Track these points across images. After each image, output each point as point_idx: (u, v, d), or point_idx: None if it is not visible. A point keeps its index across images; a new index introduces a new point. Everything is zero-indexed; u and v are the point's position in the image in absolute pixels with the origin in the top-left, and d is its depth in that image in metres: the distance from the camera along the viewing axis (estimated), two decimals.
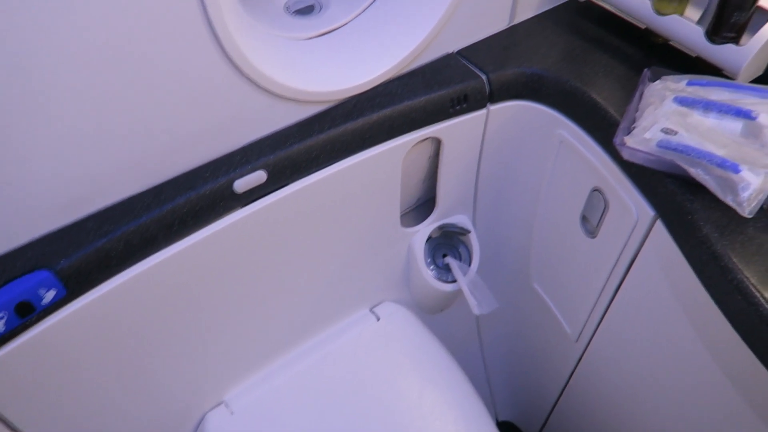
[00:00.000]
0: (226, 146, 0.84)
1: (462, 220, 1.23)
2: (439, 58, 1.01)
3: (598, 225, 1.02)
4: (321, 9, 0.99)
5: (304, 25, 0.97)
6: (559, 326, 1.24)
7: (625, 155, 0.86)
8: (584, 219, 1.05)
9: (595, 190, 1.00)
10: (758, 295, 0.70)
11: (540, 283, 1.27)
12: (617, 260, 0.98)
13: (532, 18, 1.10)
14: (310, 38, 0.95)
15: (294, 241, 0.99)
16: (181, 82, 0.72)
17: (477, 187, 1.20)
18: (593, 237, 1.04)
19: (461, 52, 1.03)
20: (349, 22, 0.97)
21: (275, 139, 0.87)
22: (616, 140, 0.84)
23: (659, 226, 0.87)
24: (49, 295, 0.70)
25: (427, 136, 1.00)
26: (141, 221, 0.76)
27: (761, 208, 0.80)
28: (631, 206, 0.91)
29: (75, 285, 0.73)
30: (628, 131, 0.86)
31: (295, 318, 1.15)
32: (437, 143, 1.06)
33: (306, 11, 0.99)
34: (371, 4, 0.97)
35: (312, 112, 0.90)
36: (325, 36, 0.96)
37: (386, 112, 0.92)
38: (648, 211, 0.88)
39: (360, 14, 0.97)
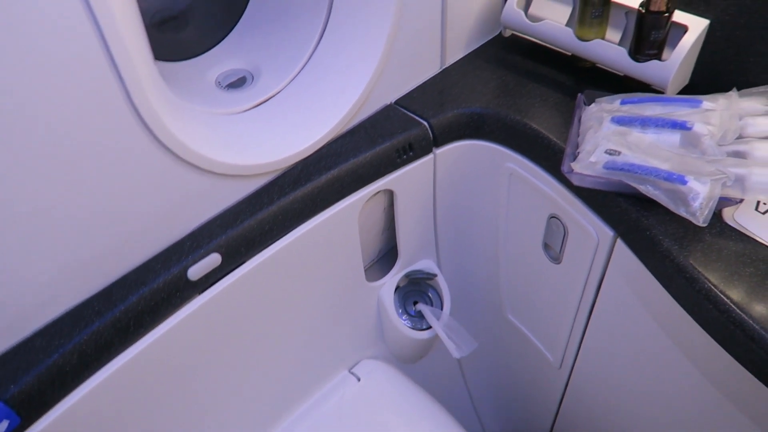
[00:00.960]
0: (175, 233, 0.81)
1: (427, 264, 1.22)
2: (378, 111, 1.02)
3: (561, 251, 1.02)
4: (253, 80, 0.98)
5: (238, 98, 0.96)
6: (541, 355, 1.23)
7: (575, 181, 0.87)
8: (547, 246, 1.06)
9: (553, 216, 1.00)
10: (727, 301, 0.70)
11: (514, 313, 1.26)
12: (585, 283, 0.99)
13: (463, 58, 1.12)
14: (246, 110, 0.94)
15: (260, 316, 0.96)
16: (116, 176, 0.69)
17: (437, 230, 1.19)
18: (558, 263, 1.04)
19: (399, 102, 1.04)
20: (284, 88, 0.96)
21: (225, 218, 0.84)
22: (564, 168, 0.85)
23: (620, 245, 0.88)
24: (2, 427, 0.64)
25: (379, 190, 0.99)
26: (93, 328, 0.72)
27: (714, 213, 0.82)
28: (589, 229, 0.91)
29: (29, 411, 0.68)
30: (574, 157, 0.87)
31: (274, 392, 1.11)
32: (390, 194, 1.05)
33: (238, 84, 0.98)
34: (302, 68, 0.96)
35: (259, 184, 0.88)
36: (262, 106, 0.95)
37: (334, 173, 0.91)
38: (607, 232, 0.89)
39: (293, 79, 0.96)
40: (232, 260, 0.84)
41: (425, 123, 0.99)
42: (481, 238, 1.20)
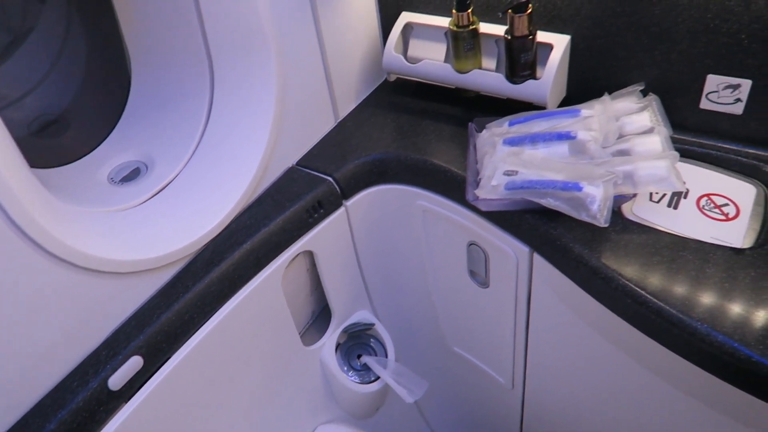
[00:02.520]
0: (88, 344, 0.76)
1: (363, 315, 1.21)
2: (281, 175, 1.01)
3: (486, 275, 1.04)
4: (147, 169, 0.96)
5: (134, 190, 0.93)
6: (492, 379, 1.23)
7: (483, 207, 0.89)
8: (473, 273, 1.07)
9: (472, 243, 1.02)
10: (643, 293, 0.73)
11: (458, 344, 1.26)
12: (516, 301, 1.00)
13: (355, 109, 1.14)
14: (145, 201, 0.92)
15: (199, 407, 0.91)
16: (9, 297, 0.65)
17: (365, 279, 1.19)
18: (487, 287, 1.06)
19: (301, 163, 1.04)
20: (180, 172, 0.95)
21: (141, 317, 0.81)
22: (469, 197, 0.87)
23: (538, 259, 0.90)
24: None
25: (297, 253, 0.98)
26: None
27: (614, 212, 0.86)
28: (506, 249, 0.93)
29: None
30: (476, 184, 0.90)
31: None
32: (310, 255, 1.04)
33: (133, 176, 0.96)
34: (196, 149, 0.95)
35: (171, 274, 0.85)
36: (160, 194, 0.92)
37: (247, 246, 0.89)
38: (523, 249, 0.91)
39: (188, 162, 0.95)
40: (156, 359, 0.80)
41: (330, 178, 1.00)
42: (410, 276, 1.20)
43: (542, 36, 0.96)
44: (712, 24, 0.82)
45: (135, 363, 0.76)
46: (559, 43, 0.95)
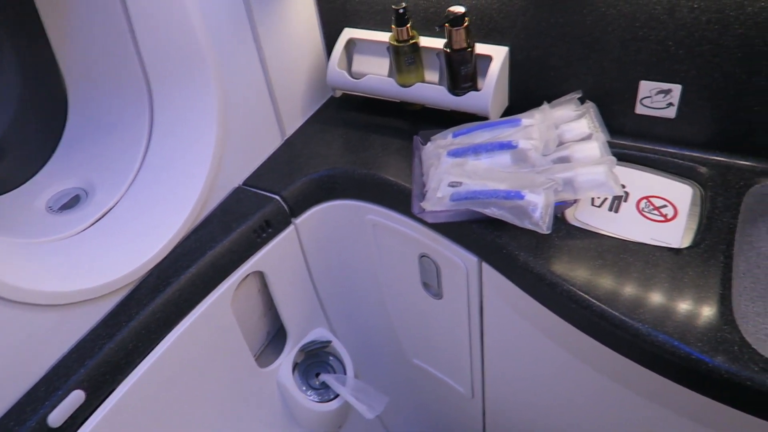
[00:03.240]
0: (25, 381, 0.73)
1: (320, 333, 1.20)
2: (228, 196, 1.00)
3: (439, 286, 1.04)
4: (88, 196, 0.93)
5: (74, 218, 0.90)
6: (452, 389, 1.23)
7: (429, 219, 0.89)
8: (426, 285, 1.07)
9: (423, 256, 1.02)
10: (587, 297, 0.74)
11: (417, 356, 1.26)
12: (468, 310, 1.01)
13: (302, 126, 1.14)
14: (86, 229, 0.89)
15: None
16: None
17: (319, 296, 1.18)
18: (440, 298, 1.06)
19: (248, 183, 1.03)
20: (122, 198, 0.92)
21: (82, 349, 0.78)
22: (415, 210, 0.88)
23: (487, 268, 0.91)
24: None
25: (246, 274, 0.96)
26: None
27: (558, 218, 0.87)
28: (456, 260, 0.94)
29: None
30: (423, 197, 0.90)
31: None
32: (261, 275, 1.03)
33: (72, 204, 0.93)
34: (137, 173, 0.93)
35: (113, 303, 0.83)
36: (102, 220, 0.90)
37: (193, 270, 0.87)
38: (471, 259, 0.92)
39: (130, 186, 0.93)
40: (99, 392, 0.77)
41: (277, 197, 0.99)
42: (365, 291, 1.20)
43: (481, 48, 0.97)
44: (641, 32, 0.85)
45: (76, 397, 0.74)
46: (497, 54, 0.97)
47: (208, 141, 0.91)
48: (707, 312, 0.70)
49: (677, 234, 0.83)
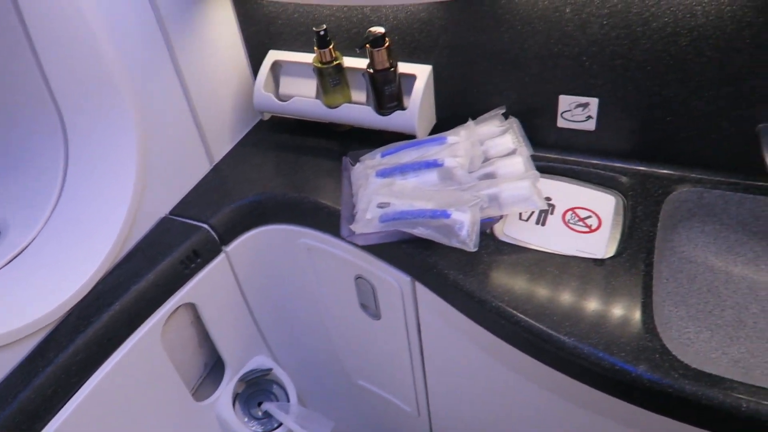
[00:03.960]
0: None
1: (260, 361, 1.17)
2: (153, 227, 0.97)
3: (376, 307, 1.03)
4: (0, 236, 0.89)
5: None
6: (399, 409, 1.22)
7: (360, 242, 0.89)
8: (364, 306, 1.06)
9: (359, 277, 1.01)
10: (514, 312, 0.75)
11: (362, 377, 1.25)
12: (407, 329, 1.00)
13: (231, 151, 1.12)
14: None
15: None
16: None
17: (258, 323, 1.16)
18: (379, 318, 1.05)
19: (174, 212, 1.00)
20: (38, 235, 0.88)
21: None
22: (344, 232, 0.87)
23: (420, 287, 0.91)
24: None
25: (176, 307, 0.93)
26: None
27: (487, 234, 0.88)
28: (390, 280, 0.93)
29: None
30: (353, 219, 0.89)
31: None
32: (193, 306, 1.00)
33: None
34: (54, 209, 0.89)
35: (29, 347, 0.79)
36: (16, 261, 0.85)
37: (116, 307, 0.84)
38: (404, 278, 0.91)
39: (46, 223, 0.89)
40: None
41: (206, 225, 0.96)
42: (305, 315, 1.18)
43: (405, 67, 0.98)
44: (556, 49, 0.87)
45: None
46: (421, 73, 0.97)
47: (128, 172, 0.88)
48: (630, 321, 0.72)
49: (602, 244, 0.85)
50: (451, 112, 1.03)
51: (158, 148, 0.94)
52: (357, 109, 1.01)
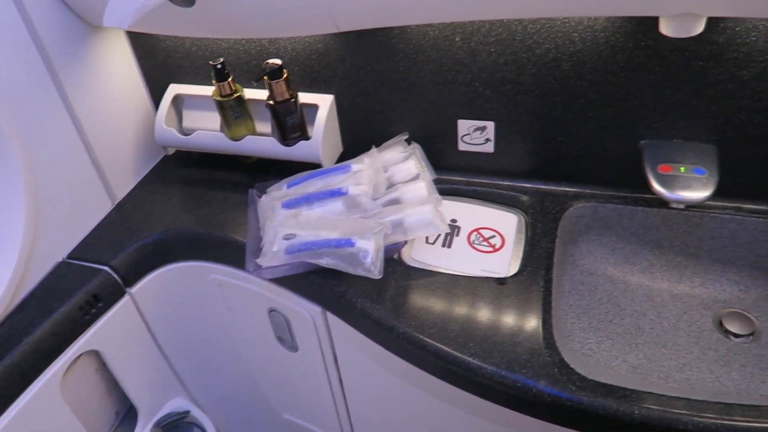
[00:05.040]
0: None
1: (177, 403, 1.13)
2: (49, 273, 0.92)
3: (292, 339, 1.02)
4: None
5: None
6: None
7: (266, 276, 0.87)
8: (280, 339, 1.04)
9: (272, 310, 1.00)
10: (421, 337, 0.75)
11: (287, 411, 1.22)
12: (324, 359, 0.99)
13: (135, 188, 1.08)
14: None
15: None
16: None
17: (172, 365, 1.11)
18: (296, 351, 1.03)
19: (73, 255, 0.95)
20: None
21: None
22: (249, 267, 0.85)
23: (332, 317, 0.90)
24: None
25: (76, 356, 0.89)
26: None
27: (393, 259, 0.88)
28: (301, 311, 0.92)
29: None
30: (259, 252, 0.88)
31: None
32: (96, 353, 0.95)
33: None
34: None
35: None
36: None
37: (6, 362, 0.79)
38: (315, 309, 0.91)
39: None
40: None
41: (106, 268, 0.93)
42: (222, 352, 1.15)
43: (307, 97, 0.98)
44: (449, 75, 0.89)
45: None
46: (323, 102, 0.98)
47: (17, 217, 0.83)
48: (531, 338, 0.74)
49: (505, 263, 0.88)
50: (357, 140, 1.04)
51: (51, 191, 0.90)
52: (261, 140, 1.00)
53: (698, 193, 0.80)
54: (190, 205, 1.02)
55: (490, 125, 0.93)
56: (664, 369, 0.81)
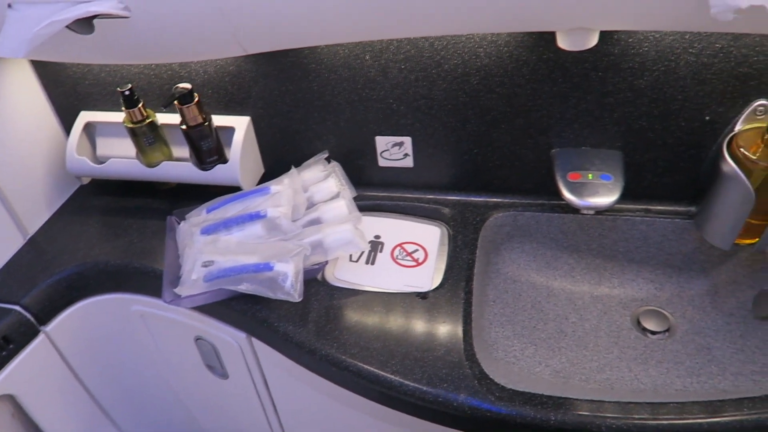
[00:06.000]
0: None
1: None
2: None
3: (222, 366, 0.99)
4: None
5: None
6: None
7: (186, 305, 0.85)
8: (210, 367, 1.02)
9: (198, 338, 0.97)
10: (343, 357, 0.75)
11: None
12: (255, 385, 0.98)
13: (49, 220, 1.04)
14: None
15: None
16: None
17: (98, 402, 1.07)
18: (227, 378, 1.01)
19: None
20: None
21: None
22: (166, 298, 0.83)
23: (257, 342, 0.89)
24: None
25: None
26: None
27: (316, 280, 0.88)
28: (227, 338, 0.91)
29: None
30: (177, 282, 0.86)
31: None
32: (11, 397, 0.91)
33: None
34: None
35: None
36: None
37: None
38: (240, 335, 0.89)
39: None
40: None
41: (17, 307, 0.88)
42: (152, 384, 1.11)
43: (223, 120, 0.97)
44: (363, 93, 0.90)
45: None
46: (240, 124, 0.96)
47: None
48: (452, 351, 0.74)
49: (428, 277, 0.88)
50: (278, 160, 1.03)
51: None
52: (178, 166, 0.98)
53: (605, 199, 0.83)
54: (108, 236, 0.99)
55: (408, 140, 0.94)
56: (585, 371, 0.83)
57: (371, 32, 0.73)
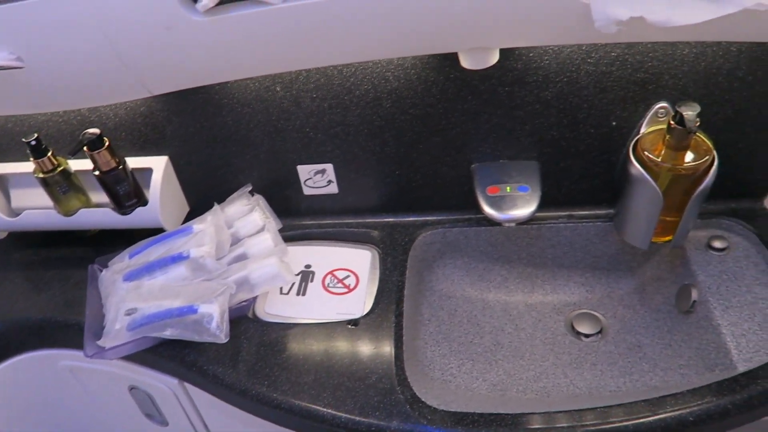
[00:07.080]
0: None
1: None
2: None
3: (160, 413, 0.96)
4: None
5: None
6: None
7: (110, 356, 0.82)
8: (149, 415, 0.99)
9: (132, 388, 0.94)
10: (274, 395, 0.73)
11: None
12: (194, 428, 0.95)
13: None
14: None
15: None
16: None
17: None
18: (167, 425, 0.98)
19: None
20: None
21: None
22: (88, 352, 0.80)
23: (191, 387, 0.86)
24: None
25: None
26: None
27: (247, 317, 0.86)
28: (159, 385, 0.88)
29: None
30: (101, 333, 0.83)
31: None
32: None
33: None
34: None
35: None
36: None
37: None
38: (172, 381, 0.87)
39: None
40: None
41: None
42: None
43: (140, 161, 0.94)
44: (279, 124, 0.89)
45: None
46: (157, 165, 0.94)
47: None
48: (383, 377, 0.74)
49: (360, 302, 0.87)
50: (202, 197, 1.01)
51: None
52: (96, 212, 0.95)
53: (523, 211, 0.84)
54: (28, 290, 0.95)
55: (329, 167, 0.94)
56: (522, 381, 0.84)
57: (275, 65, 0.73)
